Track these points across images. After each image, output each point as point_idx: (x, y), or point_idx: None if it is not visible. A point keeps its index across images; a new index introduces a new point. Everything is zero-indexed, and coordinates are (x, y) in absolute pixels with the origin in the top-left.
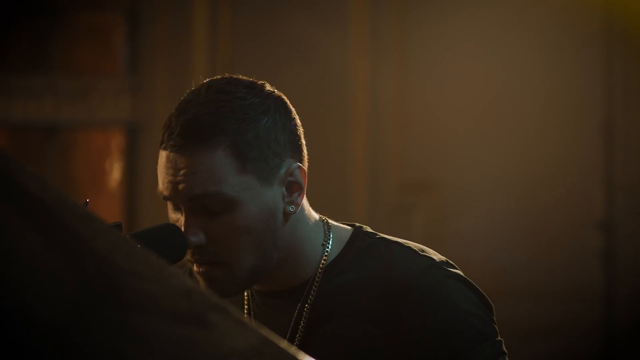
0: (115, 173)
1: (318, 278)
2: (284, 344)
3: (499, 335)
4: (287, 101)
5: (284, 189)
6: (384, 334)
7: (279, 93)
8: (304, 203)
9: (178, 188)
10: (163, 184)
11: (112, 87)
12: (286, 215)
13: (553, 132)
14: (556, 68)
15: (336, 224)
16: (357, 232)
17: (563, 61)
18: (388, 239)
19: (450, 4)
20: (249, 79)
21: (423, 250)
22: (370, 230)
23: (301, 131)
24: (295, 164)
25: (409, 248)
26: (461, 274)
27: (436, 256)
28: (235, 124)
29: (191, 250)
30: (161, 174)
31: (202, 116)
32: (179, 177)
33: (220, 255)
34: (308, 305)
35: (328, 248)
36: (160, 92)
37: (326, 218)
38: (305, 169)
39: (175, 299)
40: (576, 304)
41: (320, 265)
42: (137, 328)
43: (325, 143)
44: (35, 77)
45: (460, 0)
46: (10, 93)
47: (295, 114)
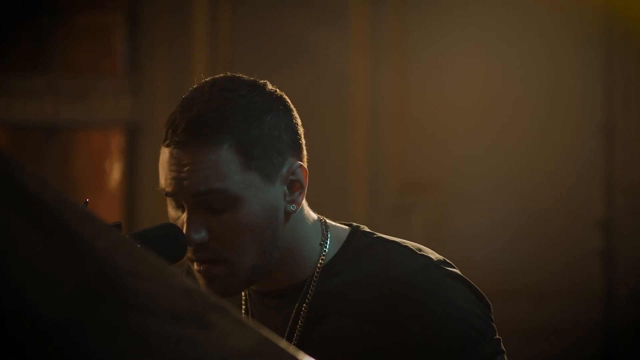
0: (115, 173)
1: (316, 278)
2: (283, 344)
3: (497, 334)
4: (288, 100)
5: (286, 188)
6: (382, 334)
7: (281, 92)
8: (303, 203)
9: (182, 184)
10: (166, 181)
11: (112, 87)
12: (287, 214)
13: (553, 132)
14: (556, 68)
15: (334, 223)
16: (355, 232)
17: (563, 61)
18: (385, 239)
19: (450, 4)
20: (250, 78)
21: (420, 250)
22: (368, 230)
23: (302, 131)
24: (297, 163)
25: (407, 247)
26: (459, 272)
27: (434, 255)
28: (240, 121)
29: (192, 248)
30: (164, 170)
31: (207, 113)
32: (183, 174)
33: (221, 253)
34: (305, 305)
35: (326, 248)
36: (160, 92)
37: (324, 218)
38: (306, 168)
39: (175, 299)
40: (576, 304)
41: (318, 265)
42: (137, 328)
43: (325, 143)
44: (35, 77)
45: (460, 0)
46: (10, 93)
47: (296, 114)
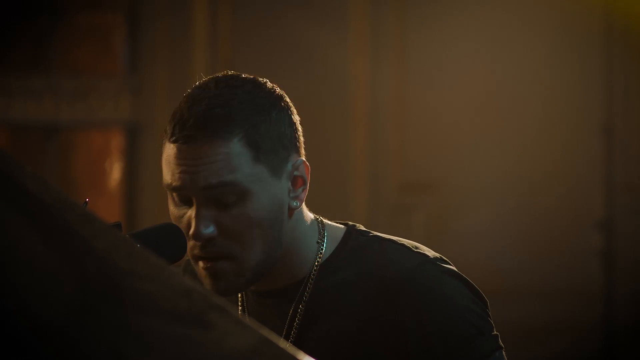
0: (115, 173)
1: (313, 276)
2: (283, 344)
3: (495, 330)
4: (287, 98)
5: (290, 184)
6: (380, 332)
7: (280, 90)
8: None
9: (192, 178)
10: (173, 176)
11: (112, 87)
12: (290, 211)
13: (553, 132)
14: (556, 68)
15: (329, 222)
16: (351, 231)
17: (563, 61)
18: (381, 237)
19: (450, 4)
20: (250, 76)
21: (417, 247)
22: (364, 229)
23: (300, 128)
24: (300, 159)
25: (403, 245)
26: (455, 269)
27: (430, 253)
28: (248, 115)
29: (200, 244)
30: (170, 166)
31: (215, 108)
32: (193, 167)
33: (229, 249)
34: (303, 304)
35: (323, 246)
36: (160, 92)
37: (320, 217)
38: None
39: (175, 299)
40: (576, 304)
41: (316, 264)
42: (137, 328)
43: (325, 143)
44: (35, 77)
45: (460, 0)
46: (10, 93)
47: (295, 111)
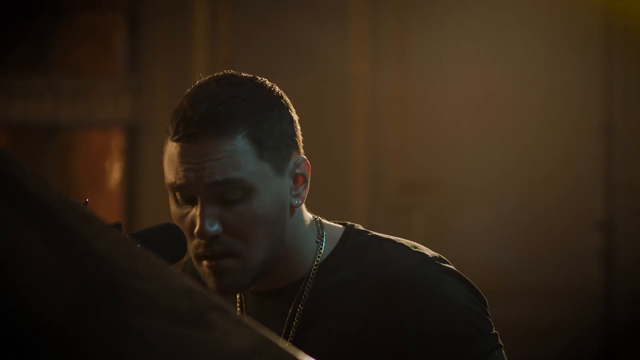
0: (115, 173)
1: (312, 276)
2: (283, 344)
3: (494, 329)
4: (286, 97)
5: (292, 181)
6: (379, 331)
7: (279, 89)
8: None
9: (197, 175)
10: (177, 174)
11: (112, 87)
12: (292, 209)
13: (553, 132)
14: (556, 68)
15: (328, 222)
16: (349, 231)
17: (563, 61)
18: (380, 236)
19: (450, 4)
20: (249, 75)
21: (415, 247)
22: (362, 228)
23: (299, 127)
24: (302, 157)
25: (402, 245)
26: (454, 269)
27: (429, 252)
28: (251, 113)
29: (204, 242)
30: (173, 164)
31: (218, 105)
32: (198, 165)
33: (233, 246)
34: (302, 304)
35: (322, 246)
36: (160, 92)
37: (318, 217)
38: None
39: (175, 299)
40: (576, 304)
41: (315, 264)
42: (137, 328)
43: (325, 143)
44: (35, 77)
45: (460, 0)
46: (10, 93)
47: (294, 110)
